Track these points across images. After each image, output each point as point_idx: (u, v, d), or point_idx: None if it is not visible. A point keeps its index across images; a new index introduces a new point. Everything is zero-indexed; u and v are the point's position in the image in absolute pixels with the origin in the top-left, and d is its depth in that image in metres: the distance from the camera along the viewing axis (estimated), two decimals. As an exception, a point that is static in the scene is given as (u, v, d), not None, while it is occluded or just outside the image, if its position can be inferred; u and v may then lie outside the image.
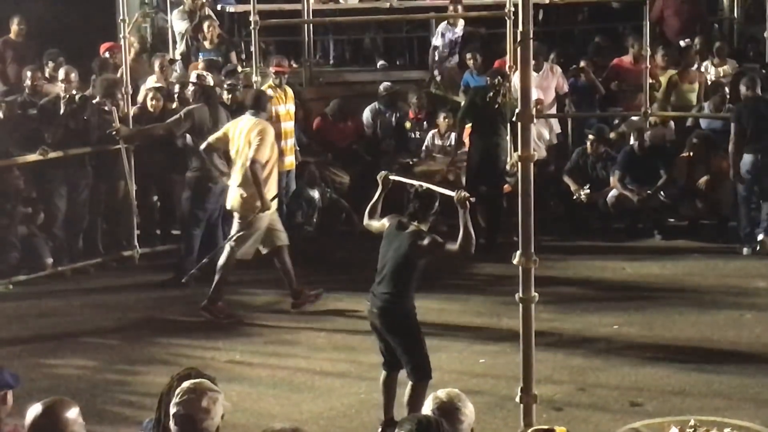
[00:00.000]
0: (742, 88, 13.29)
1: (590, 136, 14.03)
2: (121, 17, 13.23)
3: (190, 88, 12.55)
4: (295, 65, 14.55)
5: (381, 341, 8.39)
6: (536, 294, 6.56)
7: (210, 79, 12.41)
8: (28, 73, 13.33)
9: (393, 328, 8.23)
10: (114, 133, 12.45)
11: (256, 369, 9.95)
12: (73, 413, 5.14)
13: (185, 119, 12.09)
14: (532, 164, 6.35)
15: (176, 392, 5.19)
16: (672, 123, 14.77)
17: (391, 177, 8.65)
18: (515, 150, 11.75)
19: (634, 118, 14.59)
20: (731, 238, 13.49)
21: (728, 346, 10.23)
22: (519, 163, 6.44)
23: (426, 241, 8.03)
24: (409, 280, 8.19)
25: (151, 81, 13.68)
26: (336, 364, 10.01)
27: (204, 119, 12.11)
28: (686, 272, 12.52)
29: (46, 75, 13.83)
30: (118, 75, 13.52)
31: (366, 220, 8.56)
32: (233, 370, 9.83)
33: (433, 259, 8.21)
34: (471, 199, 7.91)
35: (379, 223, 8.44)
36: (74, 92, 12.63)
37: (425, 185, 8.47)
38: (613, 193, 13.69)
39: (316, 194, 13.56)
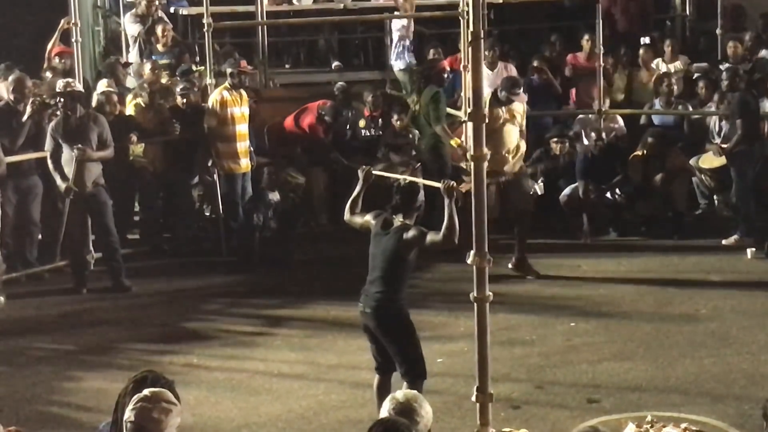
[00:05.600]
0: (729, 81, 13.50)
1: (555, 139, 14.10)
2: (73, 21, 13.14)
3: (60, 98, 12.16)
4: (249, 67, 14.49)
5: (373, 344, 8.27)
6: (491, 293, 6.58)
7: (78, 86, 12.29)
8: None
9: (387, 328, 8.11)
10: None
11: (214, 372, 9.91)
12: None
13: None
14: (485, 164, 6.36)
15: (134, 398, 5.16)
16: (619, 118, 14.82)
17: (374, 171, 8.60)
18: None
19: (590, 116, 14.68)
20: (686, 234, 13.59)
21: (684, 341, 10.29)
22: (472, 163, 6.44)
23: (411, 233, 7.95)
24: (402, 278, 8.10)
25: (102, 85, 13.59)
26: (293, 366, 9.99)
27: None
28: (642, 269, 12.58)
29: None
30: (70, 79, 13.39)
31: (347, 216, 8.43)
32: (190, 374, 9.79)
33: (421, 251, 8.12)
34: (458, 188, 7.82)
35: (363, 220, 8.31)
36: (43, 97, 12.55)
37: (409, 178, 8.48)
38: (565, 191, 13.74)
39: (274, 197, 13.52)
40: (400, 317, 8.15)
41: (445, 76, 13.78)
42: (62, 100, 12.05)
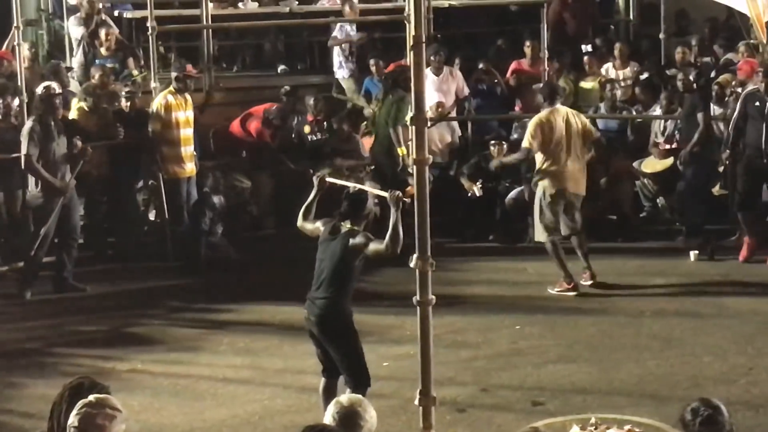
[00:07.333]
0: (685, 82, 13.51)
1: (492, 142, 14.11)
2: (16, 24, 13.04)
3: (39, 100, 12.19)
4: (194, 71, 14.45)
5: (319, 348, 8.29)
6: (433, 296, 6.57)
7: (57, 88, 12.25)
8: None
9: (331, 335, 8.14)
10: None
11: (158, 378, 9.86)
12: None
13: None
14: (427, 167, 6.36)
15: (78, 404, 5.13)
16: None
17: (328, 179, 8.62)
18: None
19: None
20: (630, 237, 13.69)
21: (628, 344, 10.36)
22: (415, 167, 6.44)
23: (357, 239, 8.01)
24: (347, 284, 8.14)
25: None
26: (239, 371, 9.97)
27: None
28: (586, 272, 12.63)
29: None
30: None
31: (300, 222, 8.48)
32: (134, 380, 9.75)
33: (366, 259, 8.14)
34: (405, 199, 7.86)
35: (313, 226, 8.37)
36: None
37: (359, 186, 8.53)
38: (511, 195, 13.79)
39: (219, 201, 13.48)
40: (344, 324, 8.18)
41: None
42: (42, 103, 12.08)
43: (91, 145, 13.16)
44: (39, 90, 12.20)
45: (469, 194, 13.93)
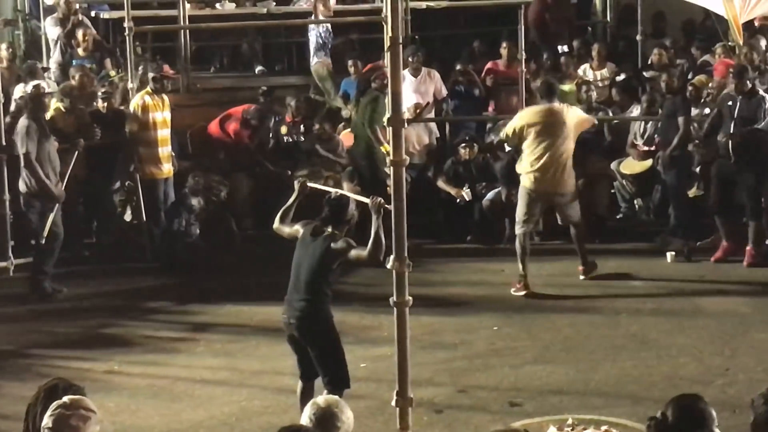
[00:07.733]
0: (667, 84, 13.45)
1: (463, 145, 14.11)
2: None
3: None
4: (172, 71, 14.43)
5: (297, 352, 8.27)
6: (410, 298, 6.59)
7: (46, 87, 12.29)
8: None
9: (311, 337, 8.12)
10: None
11: (135, 379, 9.83)
12: None
13: None
14: (404, 169, 6.37)
15: (53, 404, 5.12)
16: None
17: (309, 184, 8.60)
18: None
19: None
20: (607, 238, 13.72)
21: (605, 345, 10.38)
22: (392, 168, 6.45)
23: (338, 244, 8.00)
24: (326, 287, 8.12)
25: (20, 90, 13.43)
26: (216, 372, 9.95)
27: None
28: (564, 272, 12.63)
29: None
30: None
31: (277, 224, 8.44)
32: (111, 381, 9.72)
33: (347, 264, 8.15)
34: (387, 206, 7.83)
35: (292, 229, 8.33)
36: None
37: (339, 191, 8.54)
38: (488, 196, 13.79)
39: (197, 202, 13.44)
40: (325, 326, 8.16)
41: (385, 82, 13.79)
42: (32, 102, 12.10)
43: (67, 146, 13.17)
44: (28, 89, 12.20)
45: (458, 200, 13.89)
